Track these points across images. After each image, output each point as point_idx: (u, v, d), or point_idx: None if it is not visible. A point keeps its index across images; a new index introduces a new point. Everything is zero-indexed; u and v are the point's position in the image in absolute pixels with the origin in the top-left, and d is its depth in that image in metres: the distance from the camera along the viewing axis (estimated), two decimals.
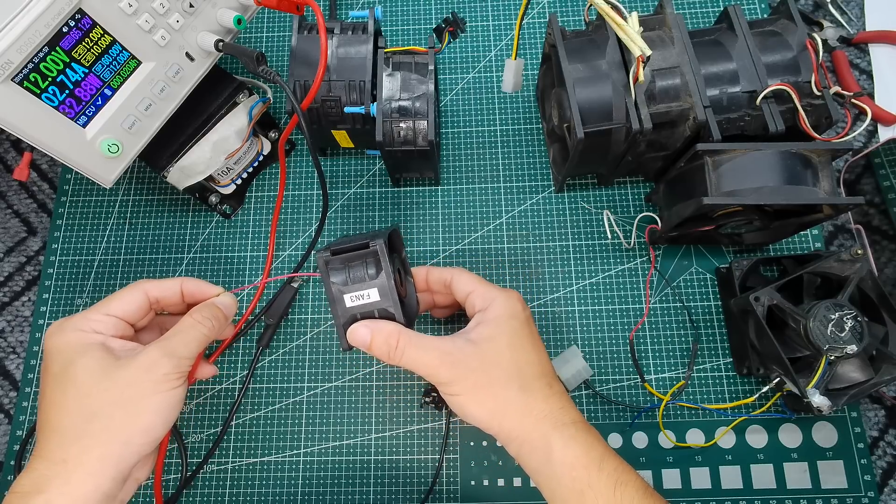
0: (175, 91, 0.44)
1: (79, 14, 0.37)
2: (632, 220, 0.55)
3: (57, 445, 0.33)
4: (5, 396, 0.55)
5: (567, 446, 0.36)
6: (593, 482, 0.35)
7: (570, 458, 0.35)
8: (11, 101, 0.36)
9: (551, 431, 0.36)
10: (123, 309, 0.37)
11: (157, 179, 0.59)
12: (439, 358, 0.36)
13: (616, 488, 0.35)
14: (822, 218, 0.46)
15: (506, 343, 0.38)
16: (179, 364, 0.35)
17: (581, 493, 0.35)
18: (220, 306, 0.39)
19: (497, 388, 0.37)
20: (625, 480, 0.35)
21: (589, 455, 0.36)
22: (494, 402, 0.37)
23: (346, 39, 0.49)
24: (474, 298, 0.40)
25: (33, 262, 0.59)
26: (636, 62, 0.42)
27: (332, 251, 0.37)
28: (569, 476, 0.35)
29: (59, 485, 0.31)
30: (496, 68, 0.61)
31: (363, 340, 0.37)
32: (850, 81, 0.60)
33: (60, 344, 0.35)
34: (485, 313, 0.39)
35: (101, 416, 0.33)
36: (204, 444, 0.52)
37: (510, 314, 0.39)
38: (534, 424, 0.36)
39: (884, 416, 0.51)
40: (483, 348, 0.37)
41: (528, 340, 0.39)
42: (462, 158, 0.58)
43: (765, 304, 0.45)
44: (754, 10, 0.62)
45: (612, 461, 0.36)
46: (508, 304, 0.39)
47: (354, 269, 0.37)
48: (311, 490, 0.50)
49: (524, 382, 0.37)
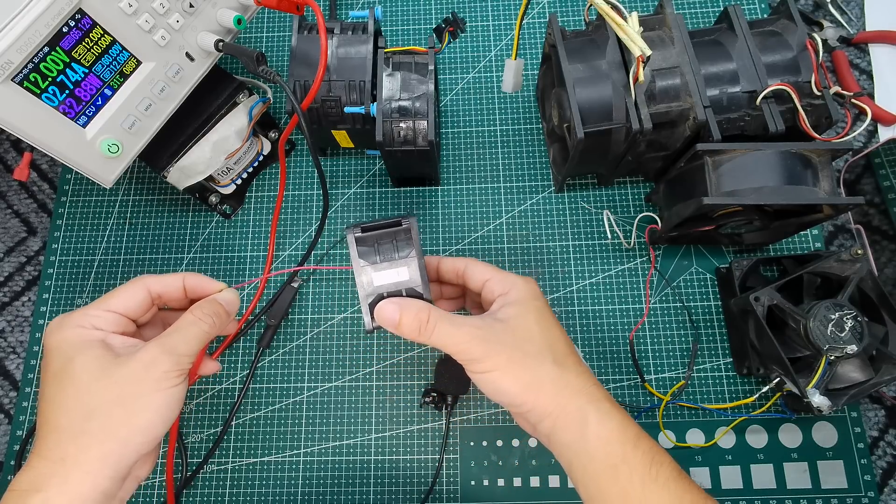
0: (175, 91, 0.44)
1: (79, 14, 0.37)
2: (632, 220, 0.55)
3: (55, 443, 0.32)
4: (5, 396, 0.55)
5: (603, 421, 0.35)
6: (628, 457, 0.34)
7: (606, 432, 0.35)
8: (11, 101, 0.36)
9: (587, 405, 0.35)
10: (124, 305, 0.37)
11: (157, 179, 0.59)
12: (471, 334, 0.36)
13: (652, 466, 0.34)
14: (822, 218, 0.46)
15: (534, 320, 0.37)
16: (179, 361, 0.34)
17: (615, 467, 0.34)
18: (222, 302, 0.39)
19: (531, 362, 0.36)
20: (660, 460, 0.34)
21: (625, 432, 0.35)
22: (530, 376, 0.36)
23: (346, 39, 0.49)
24: (493, 285, 0.40)
25: (33, 262, 0.59)
26: (636, 62, 0.42)
27: (363, 227, 0.36)
28: (603, 451, 0.34)
29: (57, 483, 0.31)
30: (496, 68, 0.61)
31: (391, 318, 0.37)
32: (850, 81, 0.60)
33: (60, 341, 0.34)
34: (507, 296, 0.39)
35: (100, 414, 0.33)
36: (204, 444, 0.52)
37: (533, 296, 0.39)
38: (569, 398, 0.36)
39: (884, 416, 0.51)
40: (513, 325, 0.37)
41: (552, 321, 0.39)
42: (462, 158, 0.58)
43: (765, 304, 0.45)
44: (754, 10, 0.62)
45: (648, 441, 0.35)
46: (529, 287, 0.39)
47: (384, 247, 0.36)
48: (311, 490, 0.50)
49: (557, 357, 0.37)
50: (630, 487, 0.34)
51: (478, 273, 0.41)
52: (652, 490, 0.33)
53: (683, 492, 0.34)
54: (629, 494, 0.33)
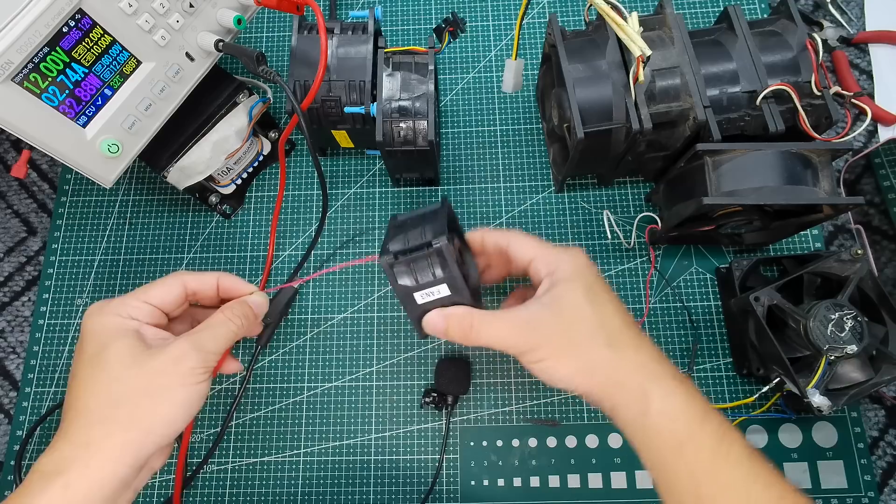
0: (175, 91, 0.44)
1: (79, 14, 0.37)
2: (632, 220, 0.55)
3: (82, 427, 0.33)
4: (5, 396, 0.55)
5: (666, 398, 0.34)
6: (695, 435, 0.32)
7: (670, 409, 0.33)
8: (11, 101, 0.36)
9: (648, 383, 0.34)
10: (161, 298, 0.37)
11: (157, 179, 0.59)
12: (515, 329, 0.36)
13: (721, 444, 0.32)
14: (822, 218, 0.46)
15: (582, 299, 0.36)
16: (206, 359, 0.35)
17: (681, 444, 0.33)
18: (252, 305, 0.39)
19: (581, 346, 0.35)
20: (731, 438, 0.33)
21: (690, 409, 0.33)
22: (580, 362, 0.35)
23: (346, 39, 0.49)
24: (538, 265, 0.38)
25: (33, 262, 0.59)
26: (636, 62, 0.42)
27: (395, 253, 0.37)
28: (668, 428, 0.33)
29: (79, 467, 0.32)
30: (496, 68, 0.61)
31: (440, 328, 0.38)
32: (850, 81, 0.60)
33: (97, 326, 0.35)
34: (552, 276, 0.37)
35: (127, 402, 0.33)
36: (204, 444, 0.52)
37: (579, 272, 0.37)
38: (627, 376, 0.35)
39: (884, 416, 0.51)
40: (559, 309, 0.36)
41: (605, 295, 0.37)
42: (462, 158, 0.58)
43: (765, 304, 0.45)
44: (754, 10, 0.62)
45: (717, 418, 0.33)
46: (576, 261, 0.38)
47: (420, 270, 0.37)
48: (311, 490, 0.50)
49: (610, 336, 0.35)
50: (697, 466, 0.32)
51: (522, 250, 0.40)
52: (722, 468, 0.32)
53: (757, 470, 0.32)
54: (696, 472, 0.32)
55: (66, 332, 0.55)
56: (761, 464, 0.33)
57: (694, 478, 0.32)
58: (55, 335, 0.55)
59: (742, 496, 0.32)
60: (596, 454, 0.50)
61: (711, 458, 0.32)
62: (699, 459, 0.32)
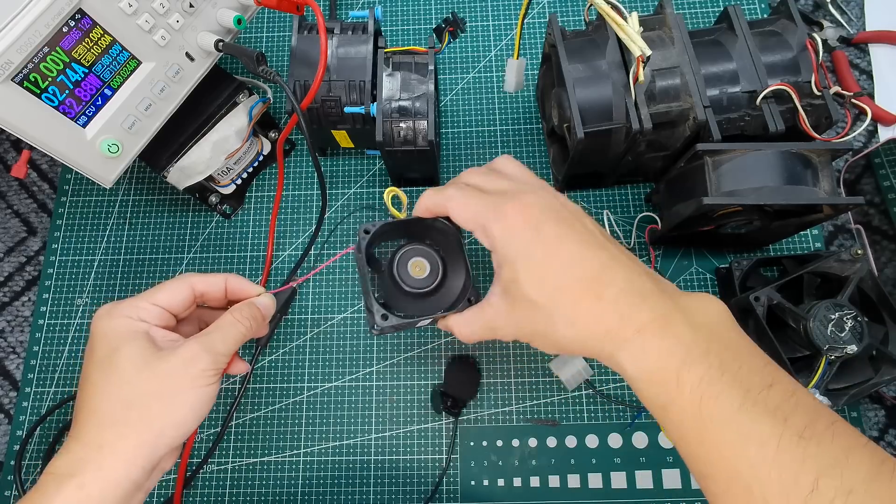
0: (175, 91, 0.44)
1: (79, 14, 0.37)
2: (632, 220, 0.55)
3: (95, 428, 0.33)
4: (5, 396, 0.55)
5: (637, 362, 0.31)
6: (674, 399, 0.30)
7: (643, 373, 0.31)
8: (11, 101, 0.36)
9: (617, 352, 0.32)
10: (169, 300, 0.37)
11: (157, 179, 0.59)
12: (486, 329, 0.37)
13: (701, 406, 0.29)
14: (822, 218, 0.46)
15: (527, 285, 0.34)
16: (216, 360, 0.35)
17: (665, 409, 0.31)
18: (260, 306, 0.40)
19: (546, 335, 0.34)
20: (711, 394, 0.29)
21: (663, 370, 0.30)
22: (555, 346, 0.35)
23: (346, 39, 0.49)
24: (481, 238, 0.36)
25: (33, 262, 0.59)
26: (636, 62, 0.42)
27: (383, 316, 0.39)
28: (648, 394, 0.31)
29: (92, 469, 0.32)
30: (496, 68, 0.61)
31: (457, 333, 0.39)
32: (850, 81, 0.60)
33: (108, 329, 0.35)
34: (496, 255, 0.36)
35: (139, 405, 0.33)
36: (204, 444, 0.52)
37: (511, 240, 0.34)
38: (597, 348, 0.33)
39: (884, 416, 0.51)
40: (511, 301, 0.35)
41: (546, 250, 0.34)
42: (462, 158, 0.58)
43: (765, 303, 0.45)
44: (754, 10, 0.62)
45: (696, 371, 0.29)
46: (505, 225, 0.34)
47: (406, 323, 0.39)
48: (311, 490, 0.50)
49: (567, 316, 0.33)
50: (686, 431, 0.30)
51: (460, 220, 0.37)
52: (709, 429, 0.29)
53: (746, 431, 0.28)
54: (687, 438, 0.30)
55: (66, 332, 0.55)
56: (749, 416, 0.28)
57: (686, 442, 0.30)
58: (55, 335, 0.55)
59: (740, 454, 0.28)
60: (596, 454, 0.50)
61: (695, 423, 0.29)
62: (684, 423, 0.30)
